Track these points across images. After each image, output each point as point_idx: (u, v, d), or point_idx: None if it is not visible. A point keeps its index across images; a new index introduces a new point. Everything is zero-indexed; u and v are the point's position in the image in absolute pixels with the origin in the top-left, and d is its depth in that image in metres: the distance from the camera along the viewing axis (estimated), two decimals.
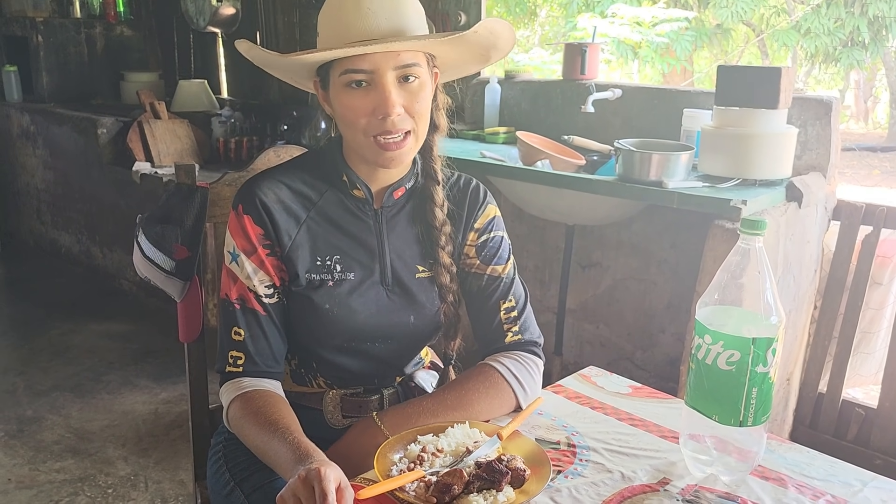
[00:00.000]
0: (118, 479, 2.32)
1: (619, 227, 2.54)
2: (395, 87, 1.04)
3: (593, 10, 6.83)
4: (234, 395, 1.07)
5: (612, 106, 2.52)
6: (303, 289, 1.12)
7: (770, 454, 1.02)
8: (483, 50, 1.13)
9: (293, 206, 1.12)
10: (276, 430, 0.98)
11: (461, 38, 1.05)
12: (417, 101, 1.06)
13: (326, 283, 1.12)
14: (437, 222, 1.16)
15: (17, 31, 4.35)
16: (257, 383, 1.09)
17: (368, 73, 1.03)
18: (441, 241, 1.16)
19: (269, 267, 1.11)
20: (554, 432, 1.08)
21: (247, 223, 1.10)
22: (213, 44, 4.33)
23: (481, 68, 1.23)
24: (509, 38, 1.11)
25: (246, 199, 1.11)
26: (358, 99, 1.04)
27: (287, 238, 1.11)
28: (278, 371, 1.13)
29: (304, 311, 1.13)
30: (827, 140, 2.14)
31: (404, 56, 1.03)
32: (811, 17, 6.71)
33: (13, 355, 3.21)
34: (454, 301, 1.19)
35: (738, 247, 0.92)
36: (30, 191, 4.50)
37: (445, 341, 1.23)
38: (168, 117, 3.74)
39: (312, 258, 1.12)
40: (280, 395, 1.09)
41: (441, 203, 1.16)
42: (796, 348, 2.23)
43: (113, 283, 4.04)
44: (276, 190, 1.12)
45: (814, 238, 2.16)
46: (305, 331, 1.15)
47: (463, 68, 1.20)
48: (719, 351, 0.91)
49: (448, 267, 1.17)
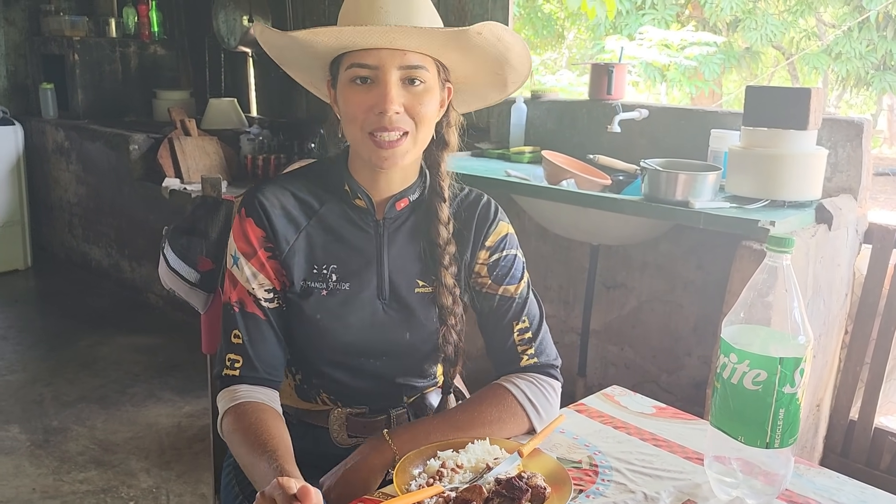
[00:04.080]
0: (140, 491, 2.33)
1: (644, 248, 2.51)
2: (397, 86, 1.03)
3: (621, 32, 6.84)
4: (228, 406, 1.06)
5: (639, 126, 2.51)
6: (296, 296, 1.11)
7: (798, 478, 0.99)
8: (496, 66, 1.11)
9: (294, 213, 1.12)
10: (263, 451, 0.97)
11: (466, 39, 1.03)
12: (420, 105, 1.05)
13: (319, 293, 1.11)
14: (441, 240, 1.13)
15: (55, 49, 4.46)
16: (252, 393, 1.07)
17: (373, 69, 1.03)
18: (444, 260, 1.13)
19: (270, 270, 1.11)
20: (576, 451, 1.06)
21: (248, 226, 1.10)
22: (243, 63, 4.41)
23: (501, 96, 1.20)
24: (521, 53, 1.09)
25: (248, 203, 1.11)
26: (360, 94, 1.04)
27: (285, 243, 1.11)
28: (276, 379, 1.12)
29: (297, 319, 1.12)
30: (858, 162, 2.11)
31: (410, 57, 1.03)
32: (842, 41, 6.65)
33: (42, 366, 3.26)
34: (455, 325, 1.15)
35: (766, 264, 0.91)
36: (62, 205, 4.59)
37: (445, 367, 1.19)
38: (198, 134, 3.80)
39: (309, 266, 1.11)
40: (273, 409, 1.08)
41: (446, 221, 1.14)
42: (826, 374, 2.18)
43: (141, 297, 4.10)
44: (279, 195, 1.12)
45: (844, 261, 2.13)
46: (301, 341, 1.14)
47: (482, 93, 1.18)
48: (745, 370, 0.89)
49: (451, 288, 1.13)
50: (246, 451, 1.00)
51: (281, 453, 0.97)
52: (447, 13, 3.08)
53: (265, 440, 0.99)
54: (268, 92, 4.28)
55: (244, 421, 1.03)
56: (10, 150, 4.38)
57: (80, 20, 4.46)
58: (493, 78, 1.14)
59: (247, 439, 1.00)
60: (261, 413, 1.05)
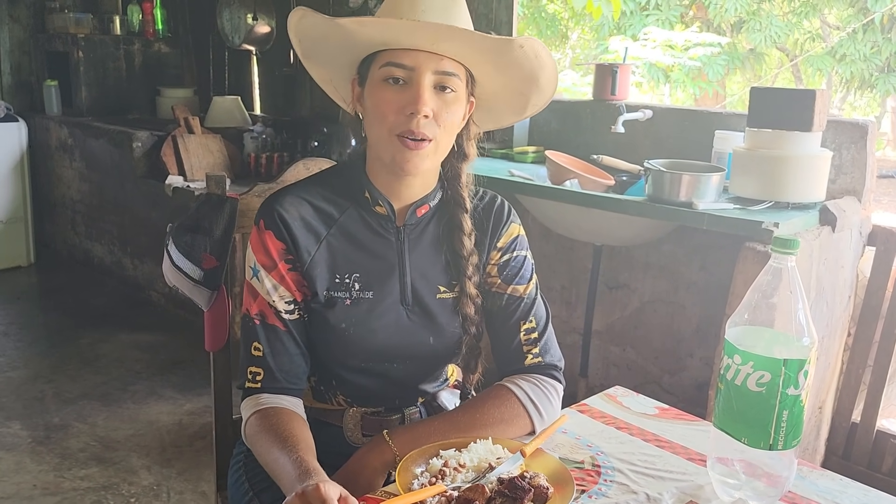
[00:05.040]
0: (141, 488, 2.33)
1: (647, 249, 2.51)
2: (429, 90, 1.03)
3: (625, 32, 6.84)
4: (253, 412, 1.07)
5: (643, 127, 2.50)
6: (320, 306, 1.11)
7: (801, 481, 0.99)
8: (524, 85, 1.11)
9: (313, 223, 1.11)
10: (283, 446, 0.97)
11: (507, 49, 1.04)
12: (448, 112, 1.05)
13: (343, 302, 1.10)
14: (465, 252, 1.14)
15: (59, 46, 4.46)
16: (276, 400, 1.08)
17: (408, 70, 1.03)
18: (468, 271, 1.14)
19: (290, 282, 1.10)
20: (578, 451, 1.06)
21: (268, 239, 1.10)
22: (247, 61, 4.41)
23: (517, 119, 1.21)
24: (551, 76, 1.09)
25: (267, 214, 1.11)
26: (392, 94, 1.04)
27: (307, 255, 1.10)
28: (298, 388, 1.12)
29: (321, 329, 1.12)
30: (862, 164, 2.10)
31: (446, 63, 1.03)
32: (847, 43, 6.64)
33: (43, 363, 3.26)
34: (476, 334, 1.17)
35: (770, 266, 0.90)
36: (65, 202, 4.59)
37: (465, 374, 1.21)
38: (201, 132, 3.80)
39: (331, 276, 1.11)
40: (297, 414, 1.08)
41: (469, 232, 1.14)
42: (829, 376, 2.18)
43: (142, 295, 4.10)
44: (297, 206, 1.11)
45: (848, 263, 2.12)
46: (324, 349, 1.14)
47: (500, 113, 1.18)
48: (749, 372, 0.89)
49: (474, 298, 1.15)
50: (268, 448, 1.00)
51: (301, 447, 0.97)
52: None
53: (286, 436, 0.99)
54: (271, 90, 4.28)
55: (267, 422, 1.04)
56: (13, 146, 4.39)
57: (84, 17, 4.46)
58: (516, 98, 1.14)
59: (269, 437, 1.01)
60: (283, 415, 1.05)
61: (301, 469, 0.92)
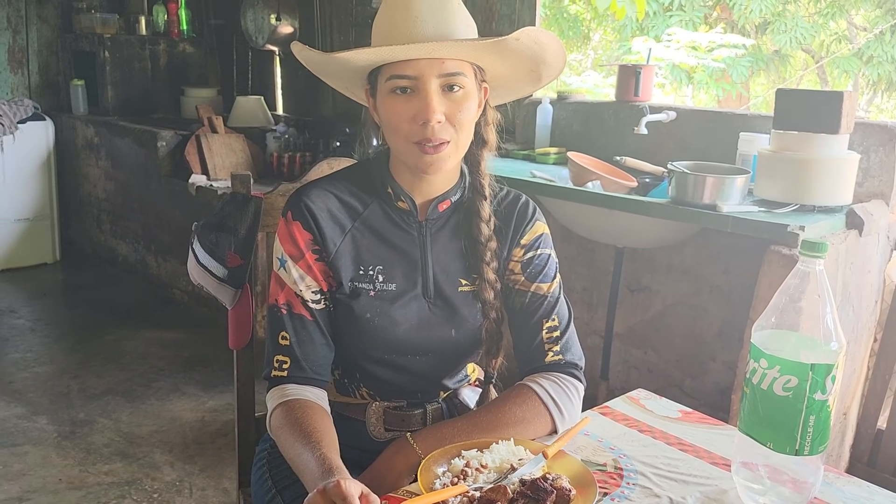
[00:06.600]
0: (164, 484, 2.35)
1: (670, 251, 2.49)
2: (437, 95, 1.05)
3: (648, 33, 6.79)
4: (278, 403, 1.08)
5: (666, 128, 2.49)
6: (345, 297, 1.13)
7: (827, 487, 0.98)
8: (532, 64, 1.12)
9: (339, 216, 1.13)
10: (307, 442, 0.98)
11: (504, 45, 1.05)
12: (460, 111, 1.06)
13: (368, 293, 1.12)
14: (483, 237, 1.15)
15: (86, 46, 4.53)
16: (301, 391, 1.09)
17: (412, 80, 1.04)
18: (486, 256, 1.15)
19: (317, 272, 1.12)
20: (600, 454, 1.06)
21: (295, 229, 1.12)
22: (270, 61, 4.44)
23: (534, 89, 1.23)
24: (557, 52, 1.10)
25: (295, 206, 1.13)
26: (401, 104, 1.06)
27: (332, 246, 1.12)
28: (323, 379, 1.13)
29: (346, 319, 1.13)
30: (891, 167, 2.07)
31: (449, 64, 1.04)
32: (874, 44, 6.54)
33: (69, 359, 3.30)
34: (497, 318, 1.18)
35: (798, 269, 0.90)
36: (91, 200, 4.65)
37: (487, 359, 1.22)
38: (225, 132, 3.84)
39: (356, 267, 1.13)
40: (321, 407, 1.09)
41: (487, 218, 1.16)
42: (854, 382, 2.15)
43: (166, 292, 4.14)
44: (324, 199, 1.13)
45: (875, 267, 2.09)
46: (348, 340, 1.15)
47: (515, 87, 1.19)
48: (776, 376, 0.88)
49: (493, 283, 1.16)
50: (292, 443, 1.01)
51: (325, 443, 0.98)
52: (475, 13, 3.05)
53: (310, 431, 1.00)
54: (294, 90, 4.31)
55: (292, 415, 1.05)
56: (40, 145, 4.45)
57: (111, 18, 4.52)
58: (527, 74, 1.16)
59: (294, 431, 1.02)
60: (308, 409, 1.06)
61: (324, 467, 0.93)
